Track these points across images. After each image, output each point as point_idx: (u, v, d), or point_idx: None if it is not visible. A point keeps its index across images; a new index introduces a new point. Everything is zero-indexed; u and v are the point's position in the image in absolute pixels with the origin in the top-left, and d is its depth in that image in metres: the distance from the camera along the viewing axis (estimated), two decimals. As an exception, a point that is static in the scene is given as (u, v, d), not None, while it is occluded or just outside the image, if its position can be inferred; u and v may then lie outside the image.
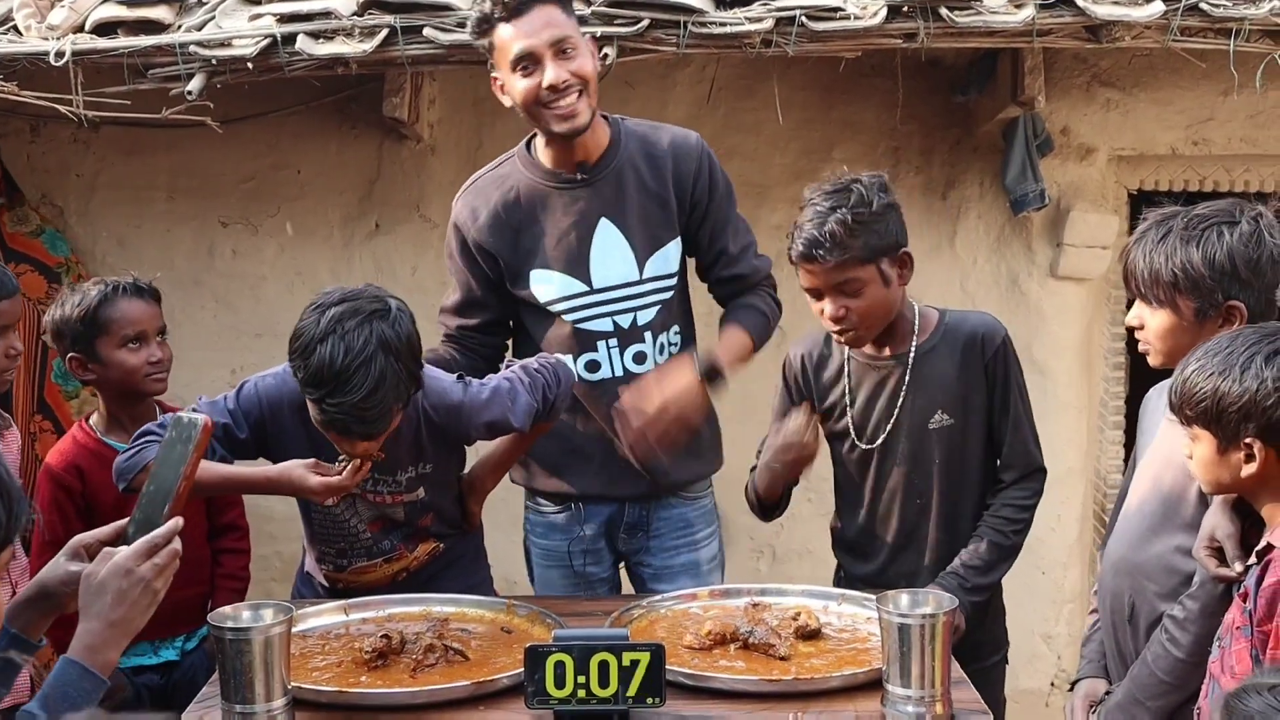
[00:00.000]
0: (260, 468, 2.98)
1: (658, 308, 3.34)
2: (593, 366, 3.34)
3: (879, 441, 3.15)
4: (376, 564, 3.15)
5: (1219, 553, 2.40)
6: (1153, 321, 2.65)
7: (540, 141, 3.32)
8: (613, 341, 3.33)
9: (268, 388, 3.00)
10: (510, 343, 3.55)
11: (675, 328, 3.39)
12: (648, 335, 3.34)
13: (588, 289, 3.31)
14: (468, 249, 3.36)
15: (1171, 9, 3.74)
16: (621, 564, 3.60)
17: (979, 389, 3.08)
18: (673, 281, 3.36)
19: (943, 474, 3.11)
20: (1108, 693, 2.75)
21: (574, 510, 3.48)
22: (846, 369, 3.19)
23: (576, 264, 3.30)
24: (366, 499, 3.07)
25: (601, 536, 3.49)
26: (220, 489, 3.08)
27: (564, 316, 3.33)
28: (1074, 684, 2.91)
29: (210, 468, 2.89)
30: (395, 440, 2.94)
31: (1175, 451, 2.64)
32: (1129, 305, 2.77)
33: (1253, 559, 2.25)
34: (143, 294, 3.40)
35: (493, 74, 3.24)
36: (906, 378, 3.10)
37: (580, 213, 3.29)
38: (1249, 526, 2.39)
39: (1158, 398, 2.85)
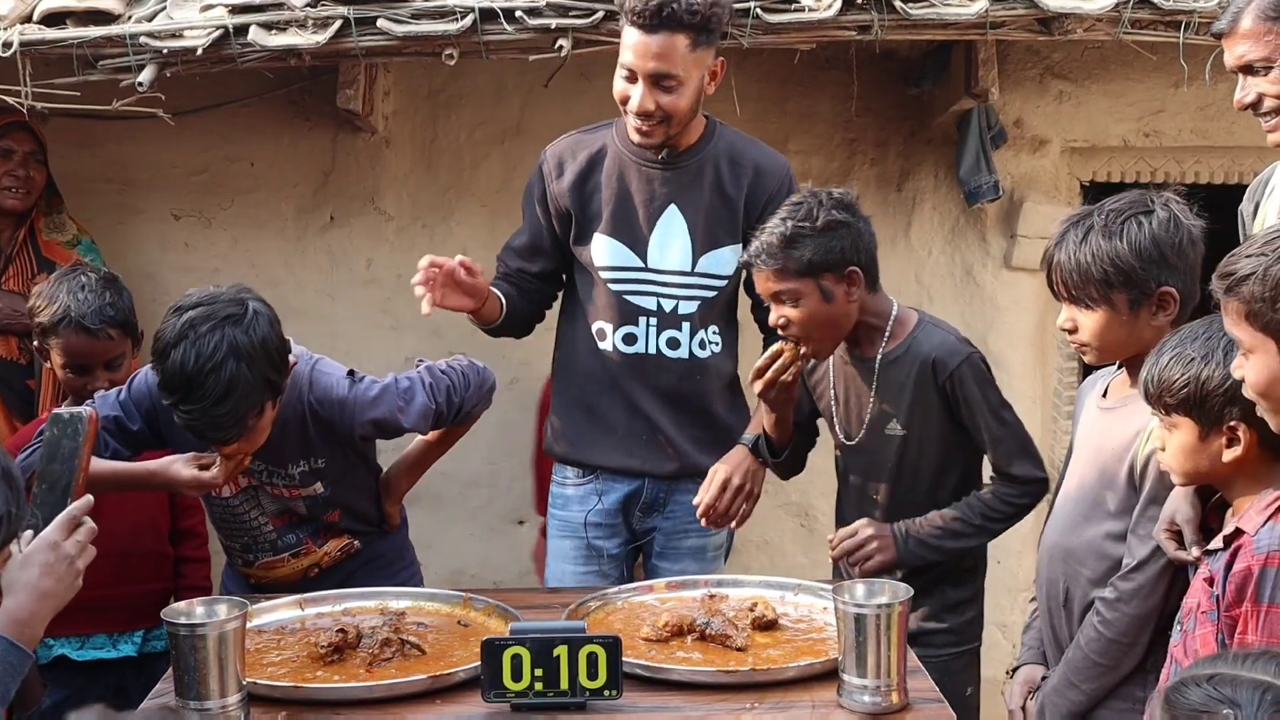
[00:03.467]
0: (139, 463, 2.96)
1: (699, 303, 3.43)
2: (630, 339, 3.44)
3: (854, 441, 3.19)
4: (283, 559, 3.14)
5: (1178, 536, 2.43)
6: (1087, 322, 2.68)
7: None
8: (653, 320, 3.43)
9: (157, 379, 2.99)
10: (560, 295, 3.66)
11: (715, 328, 3.48)
12: (685, 325, 3.44)
13: (642, 266, 3.42)
14: (545, 199, 3.47)
15: (1122, 2, 3.77)
16: (634, 548, 3.64)
17: (933, 408, 3.07)
18: (722, 284, 3.45)
19: (894, 480, 3.14)
20: (1044, 678, 2.79)
21: (595, 482, 3.53)
22: (830, 361, 3.22)
23: (637, 240, 3.41)
24: (268, 491, 3.07)
25: (619, 512, 3.54)
26: (102, 487, 2.98)
27: (611, 285, 3.43)
28: (1013, 671, 2.94)
29: (92, 465, 2.89)
30: (281, 433, 2.95)
31: (1106, 439, 2.68)
32: None
33: (1219, 543, 2.27)
34: (90, 333, 3.30)
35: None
36: (874, 383, 3.12)
37: (653, 193, 3.40)
38: (1207, 511, 2.43)
39: (1090, 388, 2.89)
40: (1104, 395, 2.81)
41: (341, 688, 2.42)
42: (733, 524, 3.34)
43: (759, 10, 3.76)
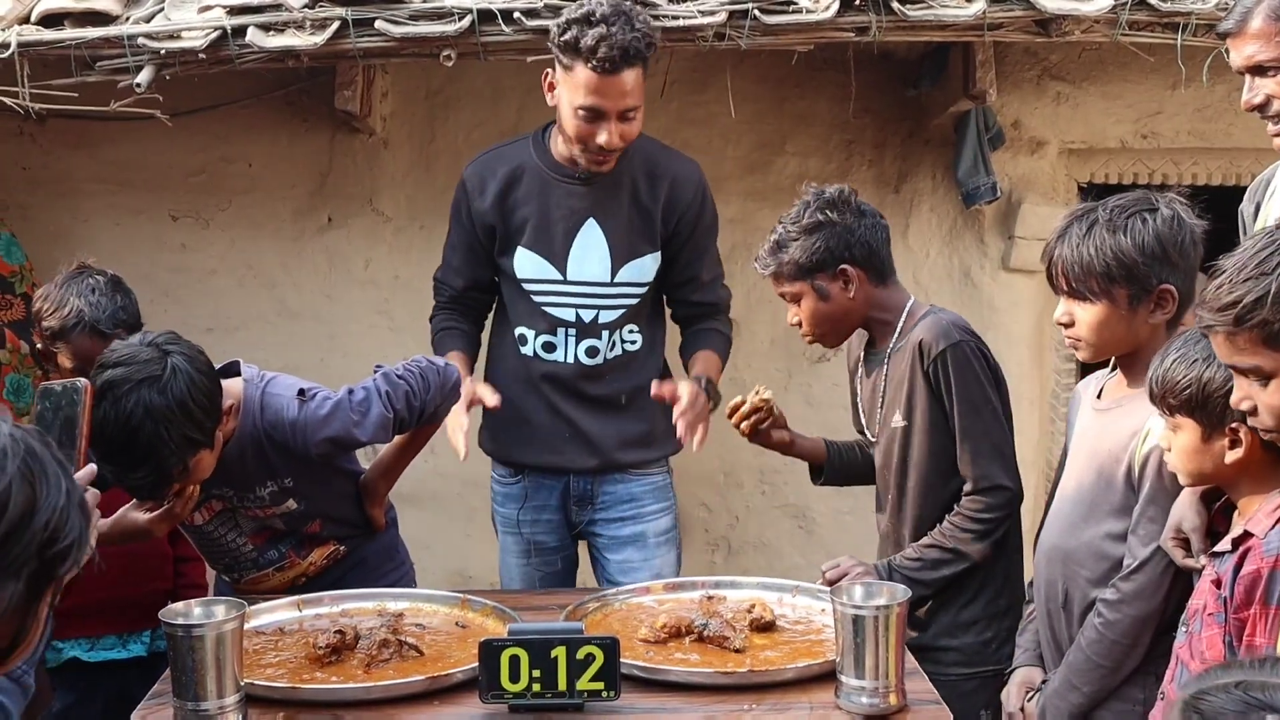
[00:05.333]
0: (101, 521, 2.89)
1: (622, 310, 3.51)
2: (549, 348, 3.51)
3: (873, 439, 3.24)
4: (267, 574, 3.13)
5: (1185, 544, 2.43)
6: (1085, 316, 2.68)
7: (556, 135, 3.45)
8: (571, 331, 3.49)
9: None
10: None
11: (633, 326, 3.55)
12: (604, 333, 3.51)
13: (561, 279, 3.48)
14: (470, 216, 3.54)
15: (1120, 3, 3.77)
16: (580, 541, 3.73)
17: (922, 395, 3.06)
18: (643, 290, 3.53)
19: (900, 474, 3.14)
20: (1044, 681, 2.78)
21: (523, 480, 3.63)
22: (859, 361, 3.29)
23: (556, 254, 3.47)
24: (243, 512, 3.05)
25: (555, 509, 3.62)
26: None
27: (533, 296, 3.49)
28: (1009, 673, 2.92)
29: None
30: (240, 461, 2.92)
31: (1102, 440, 2.68)
32: None
33: (1227, 545, 2.26)
34: (104, 337, 3.23)
35: (551, 70, 3.35)
36: (884, 376, 3.15)
37: (572, 208, 3.45)
38: (1213, 516, 2.43)
39: (1084, 390, 2.89)
40: (1098, 397, 2.81)
41: (339, 689, 2.41)
42: (693, 441, 3.39)
43: (757, 12, 3.76)
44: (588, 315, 3.49)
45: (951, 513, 3.07)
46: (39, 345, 3.42)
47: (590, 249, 3.47)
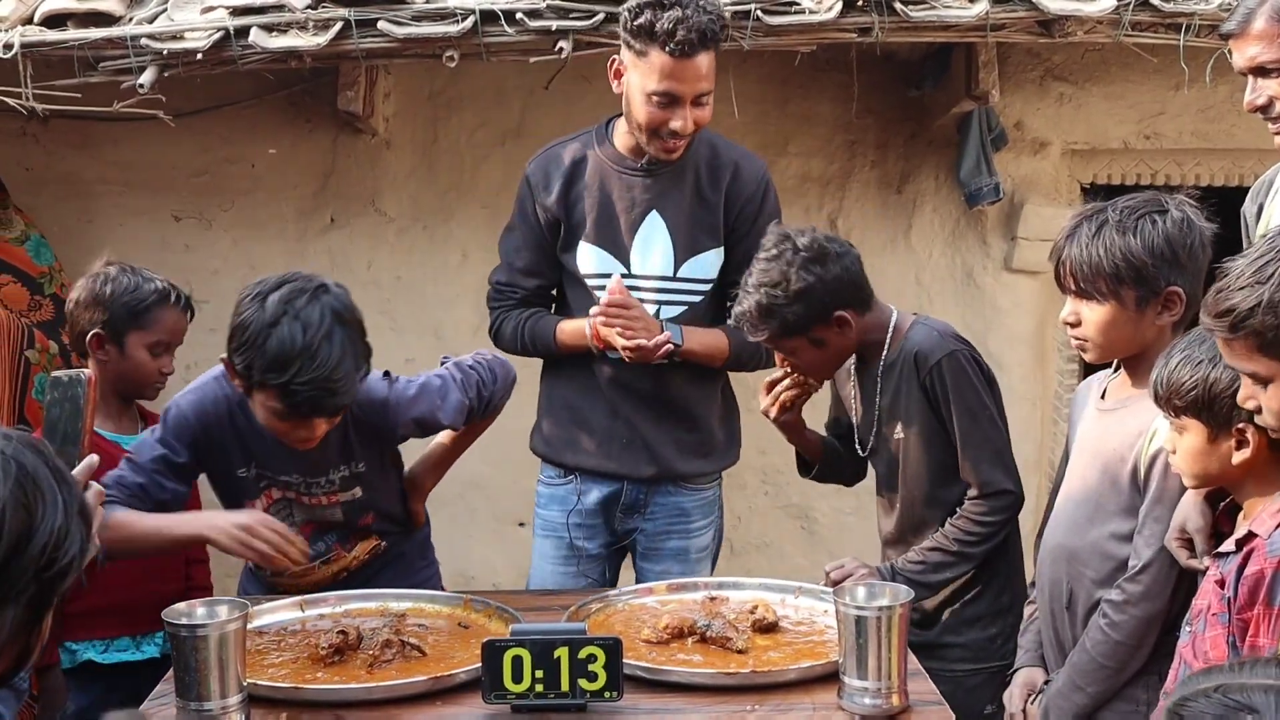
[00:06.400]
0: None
1: (685, 308, 3.44)
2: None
3: (866, 452, 3.23)
4: (314, 566, 3.13)
5: (1190, 544, 2.43)
6: (1092, 316, 2.67)
7: (619, 128, 3.42)
8: None
9: (191, 404, 2.99)
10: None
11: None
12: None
13: (625, 273, 3.41)
14: (536, 212, 3.48)
15: (1122, 4, 3.77)
16: (618, 549, 3.65)
17: (920, 405, 3.07)
18: (706, 288, 3.46)
19: (904, 484, 3.14)
20: (1047, 682, 2.78)
21: (574, 482, 3.56)
22: (851, 378, 3.26)
23: (619, 246, 3.42)
24: (302, 502, 3.06)
25: (599, 514, 3.56)
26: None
27: (596, 292, 3.42)
28: (1012, 674, 2.93)
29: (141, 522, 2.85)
30: (322, 442, 2.93)
31: (1106, 441, 2.68)
32: None
33: (1231, 546, 2.26)
34: (188, 311, 3.40)
35: (618, 57, 3.30)
36: (878, 390, 3.14)
37: (634, 199, 3.41)
38: (1217, 517, 2.43)
39: (1086, 391, 2.89)
40: (1102, 397, 2.81)
41: (342, 689, 2.41)
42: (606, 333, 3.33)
43: (759, 12, 3.77)
44: (650, 310, 3.41)
45: (954, 516, 3.07)
46: (99, 332, 3.36)
47: (653, 242, 3.40)
